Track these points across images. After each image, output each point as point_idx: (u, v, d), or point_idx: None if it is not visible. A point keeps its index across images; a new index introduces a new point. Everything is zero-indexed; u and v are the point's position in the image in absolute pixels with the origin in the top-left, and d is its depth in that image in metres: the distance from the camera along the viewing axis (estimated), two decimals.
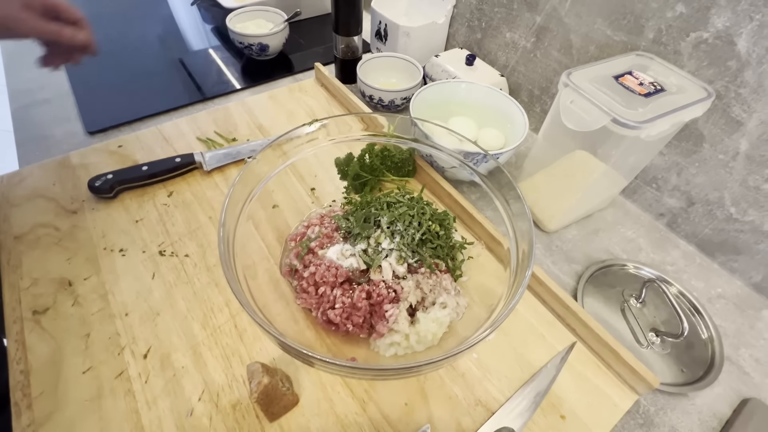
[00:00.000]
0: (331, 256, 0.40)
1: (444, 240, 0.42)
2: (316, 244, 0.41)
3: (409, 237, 0.40)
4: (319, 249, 0.41)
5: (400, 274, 0.39)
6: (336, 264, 0.39)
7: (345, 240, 0.41)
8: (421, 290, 0.39)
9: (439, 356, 0.29)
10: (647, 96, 0.41)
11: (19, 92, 0.67)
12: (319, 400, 0.36)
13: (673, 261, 0.52)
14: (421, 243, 0.40)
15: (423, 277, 0.39)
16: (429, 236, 0.41)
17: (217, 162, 0.54)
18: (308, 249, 0.41)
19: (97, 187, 0.49)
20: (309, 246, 0.41)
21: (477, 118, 0.59)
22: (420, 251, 0.40)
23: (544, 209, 0.54)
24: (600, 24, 0.52)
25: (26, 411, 0.34)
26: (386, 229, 0.41)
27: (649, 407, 0.40)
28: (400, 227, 0.40)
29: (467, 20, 0.70)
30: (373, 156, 0.52)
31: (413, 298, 0.38)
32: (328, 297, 0.38)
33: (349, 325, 0.37)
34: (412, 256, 0.40)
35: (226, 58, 0.80)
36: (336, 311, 0.37)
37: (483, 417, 0.36)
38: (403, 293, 0.38)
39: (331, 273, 0.38)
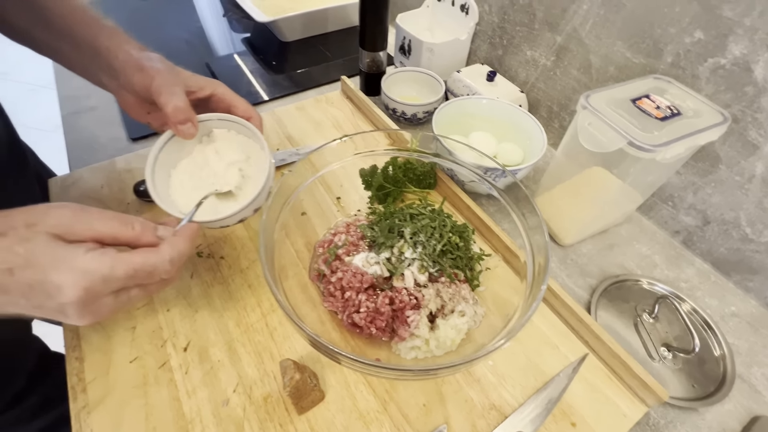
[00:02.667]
0: (356, 263, 0.42)
1: (463, 251, 0.44)
2: (343, 252, 0.44)
3: (430, 248, 0.42)
4: (346, 256, 0.44)
5: (421, 282, 0.41)
6: (361, 271, 0.42)
7: (370, 248, 0.44)
8: (441, 298, 0.41)
9: (458, 361, 0.32)
10: (663, 120, 0.42)
11: (68, 99, 0.72)
12: (343, 398, 0.39)
13: (687, 278, 0.53)
14: (441, 254, 0.43)
15: (443, 286, 0.42)
16: (449, 247, 0.43)
17: None
18: (335, 256, 0.44)
19: (141, 191, 0.53)
20: (336, 253, 0.44)
21: (497, 133, 0.62)
22: (440, 261, 0.42)
23: (560, 223, 0.56)
24: (619, 46, 0.53)
25: (81, 394, 0.38)
26: (409, 240, 0.43)
27: (659, 420, 0.41)
28: (423, 238, 0.43)
29: (489, 37, 0.73)
30: (397, 168, 0.55)
31: (433, 305, 0.41)
32: (354, 301, 0.40)
33: (373, 329, 0.40)
34: (433, 266, 0.42)
35: (255, 69, 0.84)
36: (361, 315, 0.40)
37: (497, 421, 0.38)
38: (424, 300, 0.40)
39: (357, 279, 0.41)
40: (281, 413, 0.38)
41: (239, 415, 0.37)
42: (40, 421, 0.59)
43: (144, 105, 0.42)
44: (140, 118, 0.43)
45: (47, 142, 1.96)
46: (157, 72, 0.38)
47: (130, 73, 0.39)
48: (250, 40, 0.93)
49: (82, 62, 0.42)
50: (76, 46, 0.41)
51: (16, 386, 0.55)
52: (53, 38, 0.41)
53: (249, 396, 0.38)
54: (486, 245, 0.52)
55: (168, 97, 0.37)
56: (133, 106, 0.42)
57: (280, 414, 0.38)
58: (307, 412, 0.38)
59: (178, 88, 0.38)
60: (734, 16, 0.42)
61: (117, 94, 0.43)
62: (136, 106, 0.42)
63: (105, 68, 0.41)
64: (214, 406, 0.38)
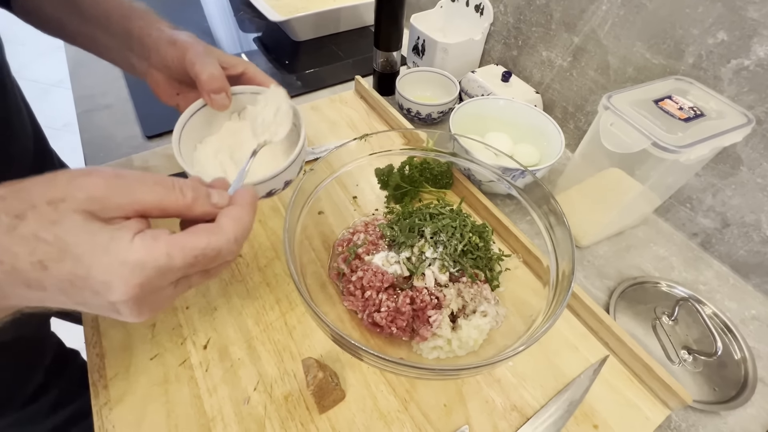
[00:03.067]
0: (377, 262, 0.42)
1: (483, 251, 0.44)
2: (362, 250, 0.44)
3: (451, 247, 0.42)
4: (366, 255, 0.44)
5: (442, 282, 0.41)
6: (382, 270, 0.41)
7: (390, 247, 0.44)
8: (463, 298, 0.41)
9: (480, 363, 0.32)
10: (687, 121, 0.42)
11: (83, 97, 0.72)
12: (363, 397, 0.39)
13: (706, 281, 0.53)
14: (462, 253, 0.43)
15: (464, 286, 0.41)
16: (470, 247, 0.43)
17: None
18: (355, 254, 0.44)
19: None
20: (356, 252, 0.44)
21: (513, 133, 0.61)
22: (461, 261, 0.42)
23: (577, 225, 0.55)
24: (639, 47, 0.53)
25: (103, 391, 0.38)
26: (430, 239, 0.43)
27: (681, 423, 0.41)
28: (443, 238, 0.43)
29: (504, 38, 0.73)
30: (413, 168, 0.55)
31: (455, 305, 0.40)
32: (374, 300, 0.40)
33: (393, 328, 0.39)
34: (453, 266, 0.42)
35: (267, 69, 0.84)
36: (381, 314, 0.39)
37: (518, 422, 0.38)
38: (446, 300, 0.40)
39: (378, 278, 0.41)
40: (302, 412, 0.38)
41: (260, 413, 0.37)
42: (57, 416, 0.60)
43: (174, 84, 0.42)
44: (169, 99, 0.43)
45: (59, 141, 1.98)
46: (190, 45, 0.38)
47: (163, 47, 0.39)
48: (262, 39, 0.93)
49: (114, 46, 0.42)
50: (108, 30, 0.41)
51: (35, 382, 0.55)
52: (85, 25, 0.42)
53: (270, 394, 0.38)
54: (504, 246, 0.51)
55: (202, 66, 0.37)
56: (163, 86, 0.42)
57: (301, 413, 0.37)
58: (328, 411, 0.38)
59: (212, 58, 0.38)
60: (759, 17, 0.42)
61: (147, 75, 0.43)
62: (166, 86, 0.42)
63: (137, 49, 0.41)
64: (235, 404, 0.38)
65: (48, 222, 0.19)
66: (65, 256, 0.20)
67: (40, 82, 2.15)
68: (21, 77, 0.45)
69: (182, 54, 0.38)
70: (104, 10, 0.41)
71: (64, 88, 2.11)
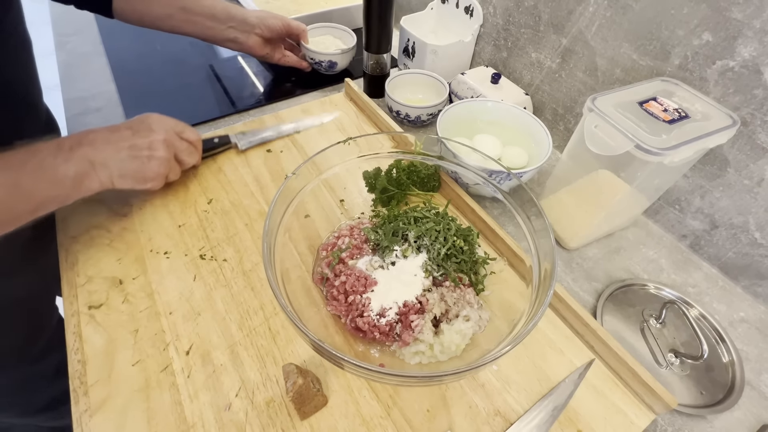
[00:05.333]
0: (360, 267, 0.42)
1: (468, 255, 0.44)
2: (346, 255, 0.44)
3: (435, 251, 0.42)
4: (349, 259, 0.43)
5: (425, 286, 0.41)
6: (365, 274, 0.41)
7: (374, 252, 0.44)
8: (446, 303, 0.41)
9: (463, 367, 0.31)
10: (671, 123, 0.42)
11: (73, 101, 0.72)
12: (346, 402, 0.38)
13: (695, 283, 0.52)
14: (446, 257, 0.42)
15: (447, 291, 0.41)
16: (454, 251, 0.43)
17: (249, 143, 0.63)
18: (339, 259, 0.43)
19: None
20: (340, 256, 0.44)
21: (501, 135, 0.61)
22: (445, 265, 0.42)
23: (565, 227, 0.55)
24: (626, 48, 0.53)
25: (83, 397, 0.38)
26: (413, 243, 0.43)
27: (667, 427, 0.41)
28: (427, 242, 0.43)
29: (493, 39, 0.72)
30: (400, 171, 0.55)
31: (438, 309, 0.40)
32: (357, 305, 0.40)
33: (376, 333, 0.39)
34: (437, 270, 0.42)
35: (259, 71, 0.84)
36: (364, 319, 0.39)
37: (502, 427, 0.38)
38: (428, 305, 0.40)
39: (361, 283, 0.41)
40: (284, 418, 0.37)
41: (241, 419, 0.37)
42: (59, 384, 0.62)
43: (266, 46, 0.73)
44: (262, 51, 0.73)
45: None
46: (281, 18, 0.73)
47: (270, 20, 0.71)
48: None
49: (218, 27, 0.67)
50: (212, 17, 0.66)
51: (43, 339, 0.62)
52: (192, 16, 0.65)
53: (251, 400, 0.38)
54: (490, 249, 0.51)
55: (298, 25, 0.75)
56: (259, 46, 0.72)
57: (282, 419, 0.37)
58: (310, 417, 0.37)
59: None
60: (743, 18, 0.42)
61: (245, 42, 0.70)
62: (260, 46, 0.72)
63: (239, 26, 0.68)
64: (216, 410, 0.37)
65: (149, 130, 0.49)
66: (143, 128, 0.49)
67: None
68: None
69: (285, 22, 0.73)
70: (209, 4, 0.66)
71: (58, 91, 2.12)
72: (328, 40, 0.83)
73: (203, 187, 0.56)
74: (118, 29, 0.92)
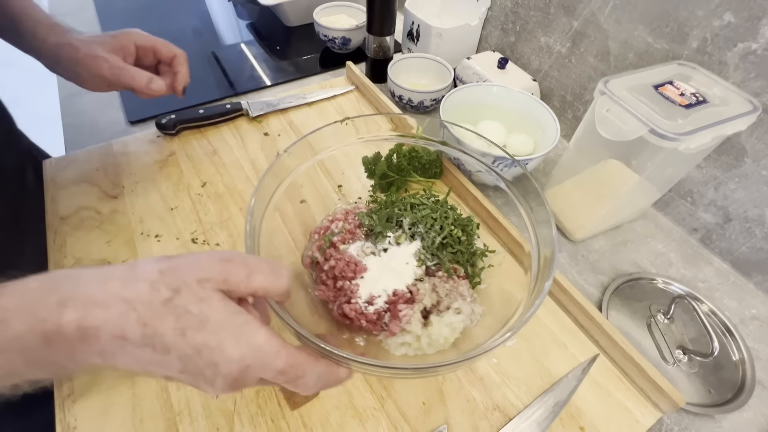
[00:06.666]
0: (351, 252, 0.40)
1: (465, 246, 0.42)
2: (338, 239, 0.42)
3: (429, 240, 0.40)
4: (341, 244, 0.42)
5: (417, 276, 0.39)
6: (355, 260, 0.40)
7: (367, 237, 0.42)
8: (437, 294, 0.39)
9: (456, 359, 0.29)
10: (688, 107, 0.40)
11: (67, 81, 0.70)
12: (339, 393, 0.37)
13: (705, 278, 0.50)
14: (441, 246, 0.41)
15: (440, 281, 0.39)
16: (450, 241, 0.41)
17: (260, 110, 0.63)
18: (330, 243, 0.42)
19: (162, 124, 0.58)
20: (331, 240, 0.42)
21: (507, 122, 0.59)
22: (439, 255, 0.40)
23: (571, 218, 0.53)
24: (641, 31, 0.50)
25: (67, 382, 0.36)
26: (407, 230, 0.41)
27: (673, 426, 0.39)
28: (422, 229, 0.41)
29: (501, 23, 0.70)
30: (401, 156, 0.53)
31: (428, 300, 0.38)
32: (346, 291, 0.38)
33: (363, 321, 0.38)
34: (431, 259, 0.40)
35: (260, 54, 0.82)
36: (352, 306, 0.38)
37: (500, 422, 0.36)
38: (419, 295, 0.38)
39: (350, 268, 0.39)
40: (273, 408, 0.36)
41: (229, 408, 0.36)
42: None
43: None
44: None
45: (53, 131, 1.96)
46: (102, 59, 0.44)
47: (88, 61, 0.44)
48: (255, 25, 0.91)
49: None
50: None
51: None
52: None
53: None
54: (493, 239, 0.49)
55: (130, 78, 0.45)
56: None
57: (272, 408, 0.36)
58: (300, 407, 0.36)
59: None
60: None
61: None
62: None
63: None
64: (204, 398, 0.36)
65: (197, 298, 0.23)
66: (204, 327, 0.23)
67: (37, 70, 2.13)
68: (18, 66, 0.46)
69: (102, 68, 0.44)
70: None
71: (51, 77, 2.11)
72: (342, 18, 0.81)
73: (197, 170, 0.55)
74: (117, 11, 0.90)
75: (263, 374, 0.24)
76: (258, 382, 0.25)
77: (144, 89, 0.44)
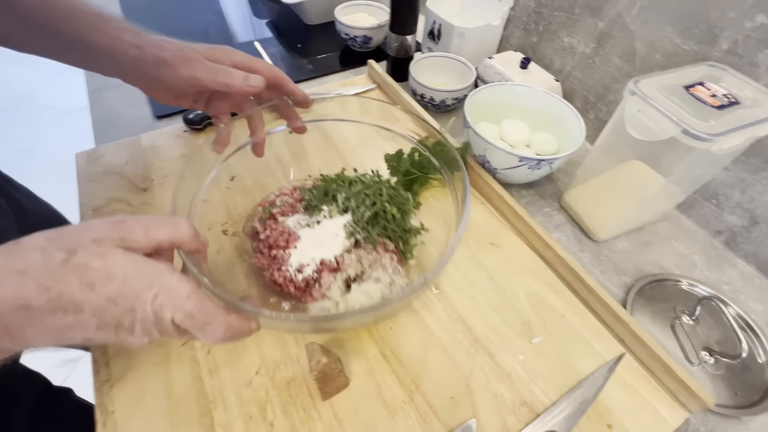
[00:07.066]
0: (288, 224, 0.43)
1: (398, 223, 0.44)
2: (278, 211, 0.45)
3: (359, 214, 0.43)
4: (281, 216, 0.44)
5: (346, 247, 0.41)
6: (289, 230, 0.42)
7: (306, 211, 0.45)
8: (362, 264, 0.41)
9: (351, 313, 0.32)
10: (720, 108, 0.40)
11: (94, 76, 0.71)
12: (368, 385, 0.38)
13: (729, 280, 0.50)
14: (372, 221, 0.43)
15: (365, 253, 0.41)
16: (383, 217, 0.43)
17: None
18: (270, 214, 0.44)
19: (190, 119, 0.59)
20: (271, 212, 0.45)
21: (530, 121, 0.59)
22: (369, 229, 0.42)
23: (594, 218, 0.53)
24: (669, 32, 0.50)
25: (104, 368, 0.37)
26: (341, 205, 0.44)
27: (699, 427, 0.39)
28: (354, 204, 0.43)
29: (523, 23, 0.70)
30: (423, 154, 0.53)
31: (353, 270, 0.40)
32: (278, 260, 0.41)
33: (291, 287, 0.39)
34: (361, 233, 0.42)
35: (279, 52, 0.83)
36: (281, 272, 0.40)
37: (528, 417, 0.37)
38: (344, 265, 0.40)
39: (284, 238, 0.41)
40: (305, 398, 0.37)
41: (262, 397, 0.36)
42: None
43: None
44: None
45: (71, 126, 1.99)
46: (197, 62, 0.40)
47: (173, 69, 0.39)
48: (275, 23, 0.92)
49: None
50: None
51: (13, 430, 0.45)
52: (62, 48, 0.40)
53: (272, 379, 0.37)
54: (518, 237, 0.50)
55: None
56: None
57: (303, 398, 0.36)
58: (332, 397, 0.36)
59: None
60: None
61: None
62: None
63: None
64: (237, 386, 0.37)
65: (96, 254, 0.23)
66: (113, 279, 0.23)
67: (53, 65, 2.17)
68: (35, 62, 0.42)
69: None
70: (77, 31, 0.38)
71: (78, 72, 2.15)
72: (363, 17, 0.82)
73: (226, 164, 0.55)
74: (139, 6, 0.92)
75: (175, 315, 0.24)
76: (176, 330, 0.25)
77: (243, 85, 0.40)
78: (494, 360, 0.40)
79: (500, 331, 0.42)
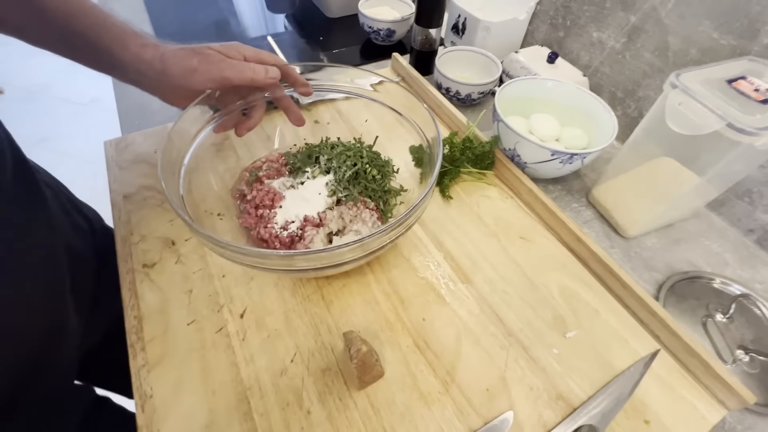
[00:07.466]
0: (275, 186, 0.45)
1: (378, 184, 0.46)
2: (264, 174, 0.47)
3: (341, 174, 0.45)
4: (267, 179, 0.46)
5: (328, 204, 0.44)
6: (274, 191, 0.44)
7: (290, 174, 0.48)
8: (343, 220, 0.43)
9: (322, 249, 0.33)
10: (764, 103, 0.39)
11: None
12: (403, 375, 0.37)
13: (762, 279, 0.50)
14: (353, 180, 0.45)
15: (347, 209, 0.44)
16: (364, 178, 0.46)
17: (310, 98, 0.62)
18: (256, 177, 0.47)
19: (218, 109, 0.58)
20: (257, 175, 0.47)
21: (560, 116, 0.58)
22: (350, 187, 0.45)
23: (623, 214, 0.53)
24: (706, 26, 0.49)
25: (140, 352, 0.37)
26: (323, 166, 0.46)
27: (736, 425, 0.39)
28: (335, 164, 0.46)
29: (550, 17, 0.69)
30: (454, 147, 0.53)
31: (335, 225, 0.43)
32: (264, 219, 0.43)
33: (277, 243, 0.41)
34: (342, 191, 0.44)
35: (299, 44, 0.82)
36: (267, 229, 0.42)
37: (564, 411, 0.37)
38: (326, 220, 0.43)
39: (269, 197, 0.44)
40: (340, 387, 0.36)
41: (298, 385, 0.36)
42: None
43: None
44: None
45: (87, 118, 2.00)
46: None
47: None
48: (295, 15, 0.91)
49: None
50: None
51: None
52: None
53: (307, 367, 0.37)
54: (548, 232, 0.49)
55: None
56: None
57: (339, 387, 0.36)
58: (367, 387, 0.36)
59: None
60: None
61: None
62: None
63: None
64: (272, 374, 0.37)
65: None
66: None
67: None
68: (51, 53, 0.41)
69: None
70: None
71: None
72: (385, 10, 0.82)
73: (252, 154, 0.55)
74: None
75: None
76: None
77: (265, 78, 0.42)
78: (528, 353, 0.40)
79: (534, 325, 0.41)
